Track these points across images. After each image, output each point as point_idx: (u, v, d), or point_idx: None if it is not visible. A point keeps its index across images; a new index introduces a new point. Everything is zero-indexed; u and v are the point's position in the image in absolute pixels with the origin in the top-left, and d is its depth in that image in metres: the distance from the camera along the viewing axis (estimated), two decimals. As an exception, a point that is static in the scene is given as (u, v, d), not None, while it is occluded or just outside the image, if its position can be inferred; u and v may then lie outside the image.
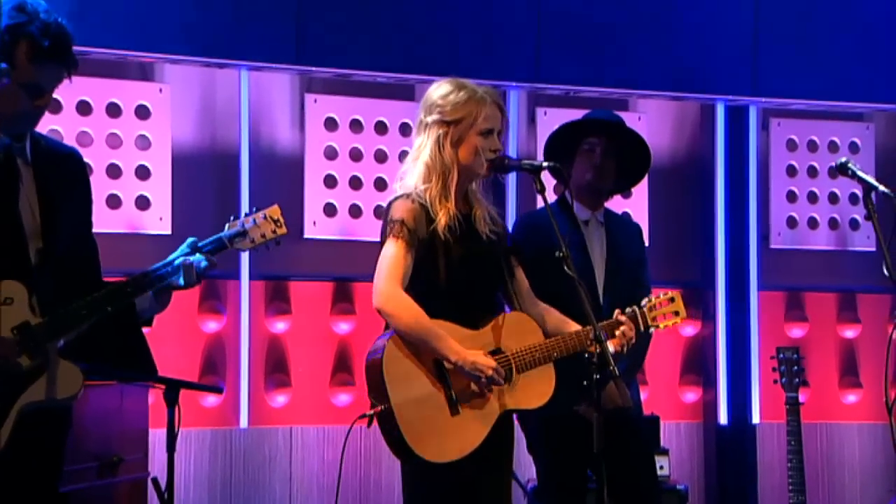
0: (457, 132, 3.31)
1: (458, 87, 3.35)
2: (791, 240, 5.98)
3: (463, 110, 3.30)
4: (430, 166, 3.33)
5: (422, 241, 3.27)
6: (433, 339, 3.19)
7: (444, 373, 3.23)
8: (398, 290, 3.20)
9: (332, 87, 5.40)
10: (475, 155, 3.32)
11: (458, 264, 3.29)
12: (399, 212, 3.29)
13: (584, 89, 5.54)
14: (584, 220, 4.05)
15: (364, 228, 5.34)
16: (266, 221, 3.04)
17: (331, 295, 5.40)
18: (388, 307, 3.20)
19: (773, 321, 5.93)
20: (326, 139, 5.40)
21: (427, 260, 3.28)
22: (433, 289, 3.28)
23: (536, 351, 3.32)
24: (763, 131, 5.99)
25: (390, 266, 3.22)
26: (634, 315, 3.52)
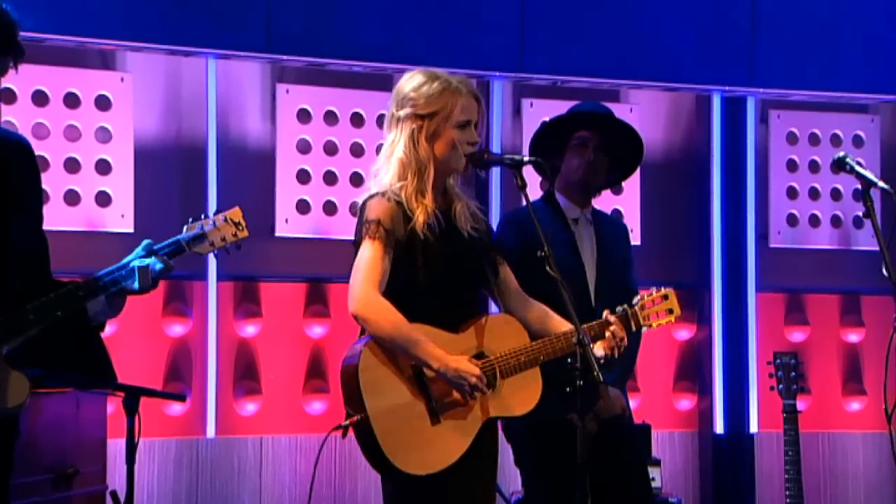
0: (431, 126, 3.31)
1: (430, 78, 3.35)
2: (791, 238, 6.01)
3: (437, 103, 3.31)
4: (404, 163, 3.33)
5: (399, 242, 3.28)
6: (413, 345, 3.19)
7: (423, 380, 3.24)
8: (375, 293, 3.21)
9: (304, 77, 5.39)
10: (452, 149, 3.32)
11: (439, 263, 3.29)
12: (374, 211, 3.29)
13: (572, 79, 5.55)
14: (574, 218, 4.06)
15: (339, 226, 5.34)
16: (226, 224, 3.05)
17: (304, 296, 5.40)
18: (365, 312, 3.21)
19: (772, 324, 5.95)
20: (299, 132, 5.40)
21: (405, 260, 3.28)
22: (412, 290, 3.29)
23: (522, 354, 3.32)
24: (762, 124, 6.00)
25: (366, 269, 3.23)
26: (625, 314, 3.52)
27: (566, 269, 3.87)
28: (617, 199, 5.77)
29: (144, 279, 2.87)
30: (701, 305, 5.87)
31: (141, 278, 2.87)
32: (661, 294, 3.63)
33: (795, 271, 6.01)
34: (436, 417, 3.22)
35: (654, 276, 5.68)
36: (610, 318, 3.46)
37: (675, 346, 5.92)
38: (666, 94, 5.90)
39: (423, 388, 3.23)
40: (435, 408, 3.23)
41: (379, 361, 3.20)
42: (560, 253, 3.90)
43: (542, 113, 5.48)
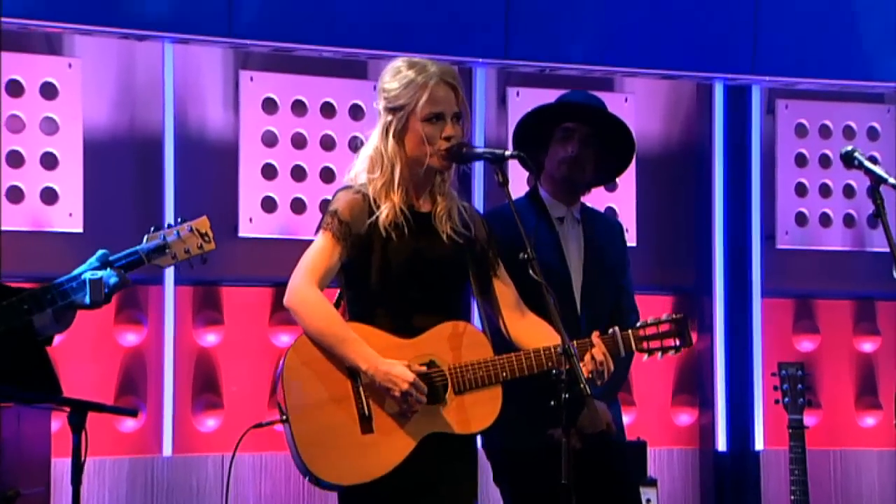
0: (399, 121, 3.34)
1: (406, 67, 3.38)
2: (800, 239, 6.02)
3: (403, 96, 3.34)
4: (373, 159, 3.38)
5: (358, 237, 3.30)
6: (342, 342, 3.21)
7: (357, 384, 3.25)
8: (312, 287, 3.24)
9: (270, 64, 5.39)
10: (421, 145, 3.34)
11: (398, 264, 3.31)
12: (336, 202, 3.34)
13: (561, 66, 5.56)
14: (559, 216, 4.06)
15: (308, 226, 5.33)
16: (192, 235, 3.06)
17: (269, 302, 5.40)
18: (297, 305, 3.25)
19: (779, 333, 5.97)
20: (264, 123, 5.40)
21: (361, 258, 3.31)
22: (364, 290, 3.31)
23: (480, 368, 3.31)
24: (768, 115, 6.02)
25: (310, 260, 3.28)
26: (614, 338, 3.49)
27: (549, 272, 3.88)
28: (610, 197, 5.79)
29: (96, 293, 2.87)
30: (702, 312, 5.89)
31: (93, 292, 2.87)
32: (672, 319, 3.56)
33: (804, 275, 6.04)
34: (367, 425, 3.23)
35: (650, 279, 5.70)
36: (595, 339, 3.44)
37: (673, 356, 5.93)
38: (664, 83, 5.92)
39: (356, 394, 3.24)
40: (368, 415, 3.23)
41: (306, 360, 3.22)
42: (543, 255, 3.90)
43: (529, 103, 5.43)
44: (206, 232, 3.07)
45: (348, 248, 3.29)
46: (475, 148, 3.40)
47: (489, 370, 3.32)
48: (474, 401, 3.30)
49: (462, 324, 3.37)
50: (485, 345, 3.36)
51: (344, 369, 3.24)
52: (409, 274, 3.32)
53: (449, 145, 3.36)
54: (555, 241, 4.02)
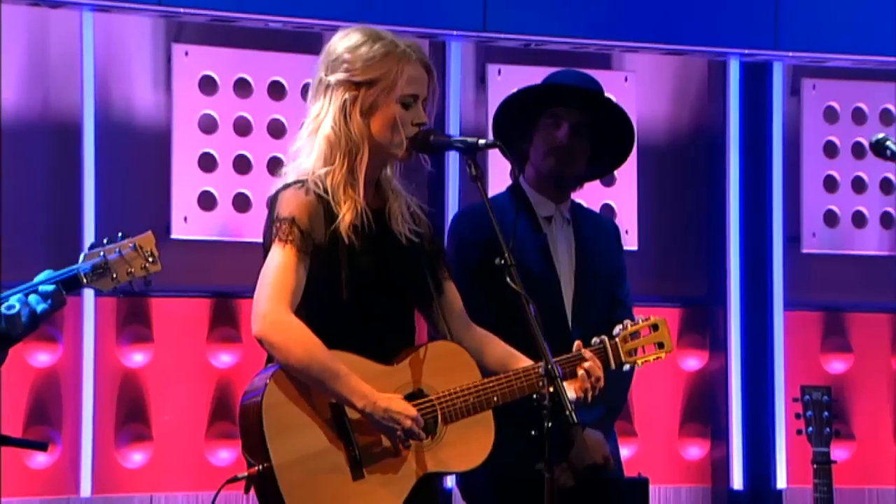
0: (369, 97, 3.32)
1: (372, 38, 3.36)
2: (830, 242, 6.05)
3: (378, 68, 3.32)
4: (332, 142, 3.34)
5: (319, 247, 3.30)
6: (332, 377, 3.21)
7: (345, 423, 3.25)
8: (285, 312, 3.23)
9: (208, 36, 5.39)
10: (392, 129, 3.33)
11: (368, 276, 3.32)
12: (288, 206, 3.30)
13: (550, 40, 5.58)
14: (546, 216, 4.09)
15: (253, 226, 5.34)
16: (135, 254, 3.06)
17: (207, 316, 5.40)
18: (272, 335, 3.22)
19: (804, 351, 5.99)
20: (202, 105, 5.40)
21: (326, 271, 3.31)
22: (334, 309, 3.31)
23: (470, 394, 3.33)
24: (792, 97, 6.04)
25: (275, 280, 3.25)
26: (604, 348, 3.53)
27: (536, 280, 3.89)
28: (607, 192, 5.80)
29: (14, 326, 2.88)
30: (714, 327, 5.91)
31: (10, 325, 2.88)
32: (650, 323, 3.65)
33: (835, 283, 6.06)
34: (358, 470, 3.24)
35: (654, 289, 5.72)
36: (585, 352, 3.48)
37: (681, 378, 5.96)
38: (670, 59, 5.93)
39: (343, 434, 3.25)
40: (358, 458, 3.25)
41: (288, 398, 3.21)
42: (528, 260, 3.95)
43: (513, 83, 5.45)
44: (151, 251, 3.07)
45: (309, 261, 3.29)
46: (445, 136, 3.42)
47: (479, 396, 3.34)
48: (466, 431, 3.34)
49: (442, 343, 3.40)
50: (471, 367, 3.39)
51: (327, 407, 3.25)
52: (381, 287, 3.34)
53: (416, 132, 3.37)
54: (542, 245, 4.05)
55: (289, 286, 3.25)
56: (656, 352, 3.65)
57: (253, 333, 3.26)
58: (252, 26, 5.37)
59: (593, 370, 3.45)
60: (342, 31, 3.43)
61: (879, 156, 3.63)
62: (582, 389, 3.43)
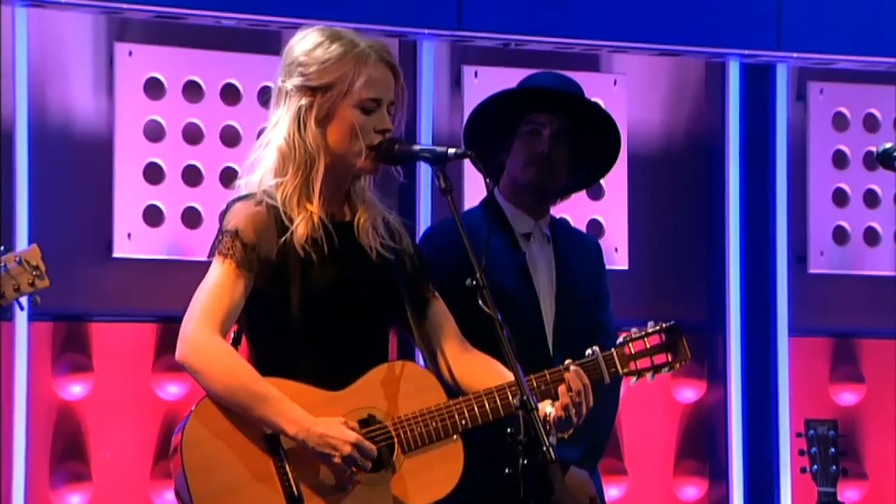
0: (325, 103, 3.35)
1: (329, 39, 3.39)
2: (839, 261, 6.07)
3: (334, 71, 3.34)
4: (284, 153, 3.37)
5: (267, 262, 3.32)
6: (260, 402, 3.20)
7: (281, 456, 3.25)
8: (211, 334, 3.24)
9: (155, 34, 5.39)
10: (351, 137, 3.35)
11: (323, 294, 3.33)
12: (235, 219, 3.33)
13: (531, 39, 5.60)
14: (525, 233, 4.11)
15: (204, 243, 5.15)
16: (21, 269, 3.08)
17: (153, 342, 5.39)
18: (194, 358, 3.24)
19: (812, 381, 6.00)
20: (148, 110, 5.40)
21: (274, 288, 3.32)
22: (283, 331, 3.32)
23: (432, 418, 3.31)
24: (797, 101, 6.07)
25: (207, 300, 3.28)
26: (595, 360, 3.50)
27: (514, 303, 3.92)
28: (595, 206, 5.82)
29: None
30: (713, 355, 5.93)
31: None
32: (661, 329, 3.57)
33: (845, 307, 6.08)
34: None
35: (646, 313, 5.58)
36: (571, 367, 3.43)
37: (676, 410, 5.97)
38: (664, 61, 5.95)
39: (280, 468, 3.24)
40: (297, 495, 3.23)
41: (213, 431, 3.22)
42: (505, 281, 3.97)
43: (491, 86, 5.45)
44: (37, 264, 3.10)
45: (255, 278, 3.30)
46: (410, 145, 3.43)
47: (443, 419, 3.32)
48: (429, 460, 3.31)
49: (400, 363, 3.39)
50: (434, 388, 3.38)
51: (261, 438, 3.24)
52: (338, 304, 3.34)
53: (379, 141, 3.39)
54: (520, 264, 4.06)
55: (221, 306, 3.27)
56: (668, 362, 3.53)
57: (175, 357, 3.28)
58: (203, 23, 5.36)
59: (573, 381, 3.38)
60: (301, 31, 3.46)
61: (887, 167, 3.65)
62: (563, 406, 3.37)
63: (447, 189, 3.33)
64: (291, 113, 3.38)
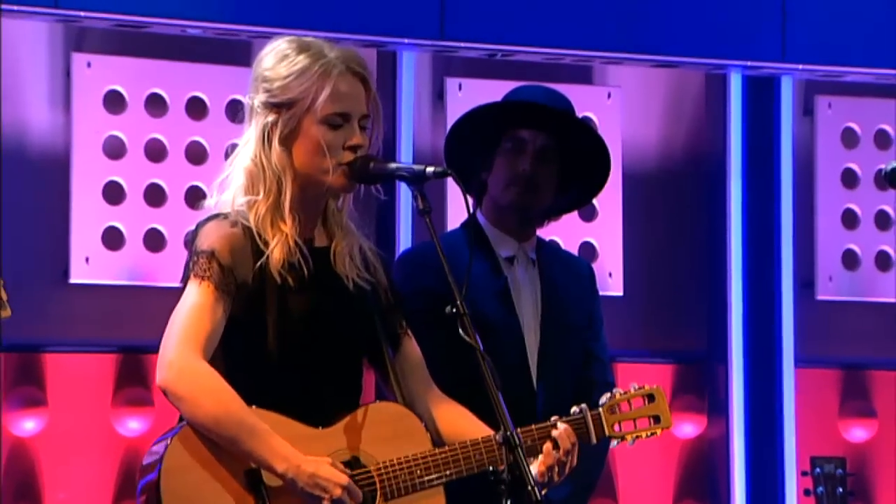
0: (289, 121, 3.37)
1: (296, 50, 3.40)
2: (849, 287, 6.09)
3: (296, 87, 3.36)
4: (252, 174, 3.39)
5: (244, 287, 3.33)
6: (248, 435, 3.22)
7: (262, 492, 3.26)
8: (196, 358, 3.25)
9: (115, 45, 5.40)
10: (317, 155, 3.37)
11: (301, 322, 3.35)
12: (209, 239, 3.34)
13: (518, 49, 5.61)
14: (508, 256, 4.13)
15: (168, 268, 5.32)
16: None
17: (112, 375, 5.39)
18: (178, 385, 3.24)
19: (819, 415, 6.02)
20: (108, 125, 5.41)
21: (251, 317, 3.33)
22: (258, 359, 3.34)
23: (417, 466, 3.35)
24: (804, 116, 6.10)
25: (187, 323, 3.28)
26: (583, 418, 3.56)
27: (495, 331, 3.92)
28: (588, 228, 5.84)
29: None
30: (713, 387, 5.95)
31: None
32: (644, 392, 3.68)
33: (855, 336, 6.09)
34: None
35: (642, 342, 5.74)
36: (559, 424, 3.48)
37: (675, 446, 5.97)
38: (661, 72, 5.98)
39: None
40: None
41: (193, 461, 3.23)
42: (486, 308, 3.98)
43: (476, 99, 5.43)
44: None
45: (230, 302, 3.32)
46: (387, 163, 3.45)
47: (428, 469, 3.35)
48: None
49: (385, 404, 3.42)
50: (419, 432, 3.41)
51: (242, 473, 3.26)
52: (315, 335, 3.37)
53: (351, 158, 3.41)
54: (502, 289, 4.08)
55: (203, 329, 3.27)
56: (650, 426, 3.68)
57: (157, 383, 3.26)
58: (167, 33, 5.37)
59: (562, 440, 3.45)
60: (270, 42, 3.48)
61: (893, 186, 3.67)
62: (545, 466, 3.43)
63: (426, 210, 3.34)
64: (258, 131, 3.40)
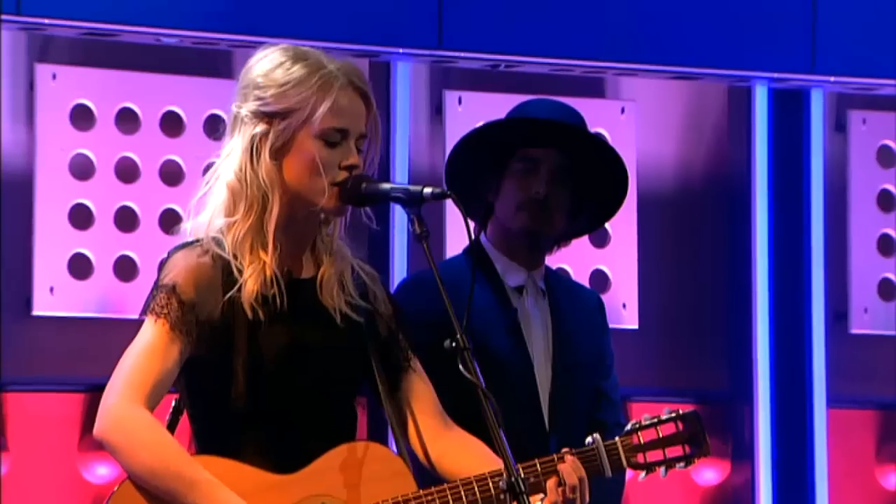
0: (282, 132, 3.35)
1: (292, 59, 3.38)
2: (886, 320, 6.10)
3: (294, 96, 3.34)
4: (235, 190, 3.36)
5: (208, 324, 3.32)
6: (187, 488, 3.20)
7: None
8: (135, 406, 3.24)
9: (82, 54, 5.42)
10: (311, 173, 3.35)
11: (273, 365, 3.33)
12: (172, 271, 3.33)
13: (524, 60, 5.63)
14: (516, 286, 4.13)
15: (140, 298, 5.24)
16: None
17: (79, 416, 5.40)
18: (114, 435, 3.24)
19: (854, 460, 6.02)
20: (75, 143, 5.42)
21: (217, 355, 3.32)
22: (226, 406, 3.33)
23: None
24: (836, 133, 6.12)
25: (133, 366, 3.27)
26: (595, 449, 3.54)
27: (504, 368, 3.96)
28: (600, 255, 5.85)
29: None
30: (738, 430, 5.95)
31: None
32: (677, 416, 3.59)
33: (893, 373, 6.09)
34: None
35: (659, 380, 5.76)
36: (567, 457, 3.45)
37: (696, 494, 5.97)
38: (679, 85, 6.00)
39: None
40: None
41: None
42: (494, 343, 3.99)
43: (477, 114, 5.48)
44: None
45: (194, 342, 3.30)
46: (380, 183, 3.43)
47: None
48: None
49: (363, 444, 3.38)
50: (402, 474, 3.38)
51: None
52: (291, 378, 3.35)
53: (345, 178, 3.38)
54: (511, 323, 4.08)
55: (150, 374, 3.26)
56: (685, 454, 3.56)
57: (94, 433, 3.27)
58: (140, 42, 5.39)
59: (567, 475, 3.41)
60: (261, 50, 3.46)
61: None
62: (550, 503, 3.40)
63: (423, 235, 3.31)
64: (244, 142, 3.37)
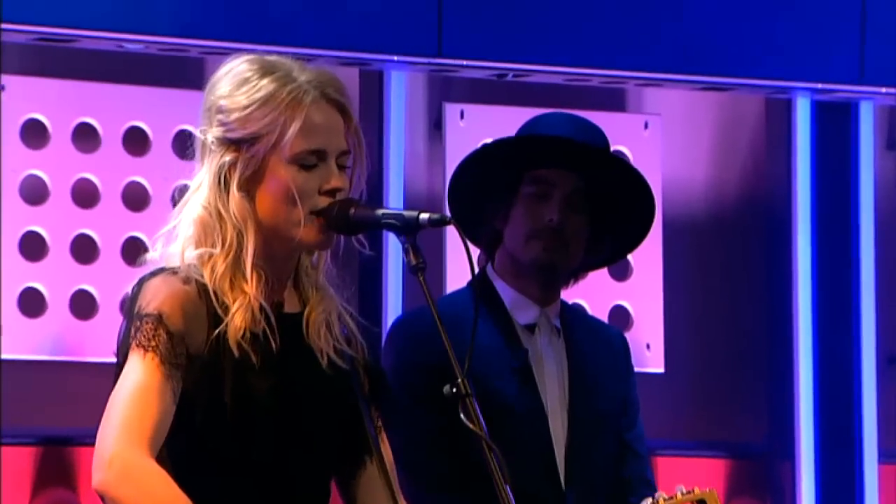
0: (251, 161, 3.35)
1: (257, 72, 3.37)
2: (943, 362, 6.14)
3: (259, 119, 3.32)
4: (206, 224, 3.36)
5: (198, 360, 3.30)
6: None
7: None
8: (141, 455, 3.22)
9: (36, 63, 5.46)
10: (286, 203, 3.34)
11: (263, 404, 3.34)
12: (155, 298, 3.29)
13: (534, 69, 5.64)
14: (528, 324, 4.14)
15: (100, 338, 5.36)
16: None
17: (30, 471, 5.42)
18: (118, 489, 3.21)
19: (909, 523, 6.06)
20: (26, 163, 5.45)
21: (202, 396, 3.32)
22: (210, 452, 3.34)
23: None
24: (888, 150, 6.16)
25: (130, 408, 3.24)
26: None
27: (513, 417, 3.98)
28: (621, 289, 5.87)
29: None
30: (777, 488, 5.96)
31: None
32: (694, 497, 3.68)
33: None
34: None
35: (688, 432, 5.75)
36: None
37: (730, 563, 6.01)
38: (710, 97, 6.03)
39: None
40: None
41: None
42: (502, 388, 4.01)
43: (482, 129, 5.56)
44: None
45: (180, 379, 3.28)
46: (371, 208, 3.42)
47: None
48: None
49: None
50: None
51: None
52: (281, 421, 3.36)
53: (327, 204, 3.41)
54: (521, 365, 4.09)
55: (149, 416, 3.24)
56: None
57: (93, 485, 3.23)
58: (100, 48, 5.41)
59: None
60: (228, 62, 3.45)
61: None
62: None
63: (418, 267, 3.29)
64: (212, 173, 3.37)
